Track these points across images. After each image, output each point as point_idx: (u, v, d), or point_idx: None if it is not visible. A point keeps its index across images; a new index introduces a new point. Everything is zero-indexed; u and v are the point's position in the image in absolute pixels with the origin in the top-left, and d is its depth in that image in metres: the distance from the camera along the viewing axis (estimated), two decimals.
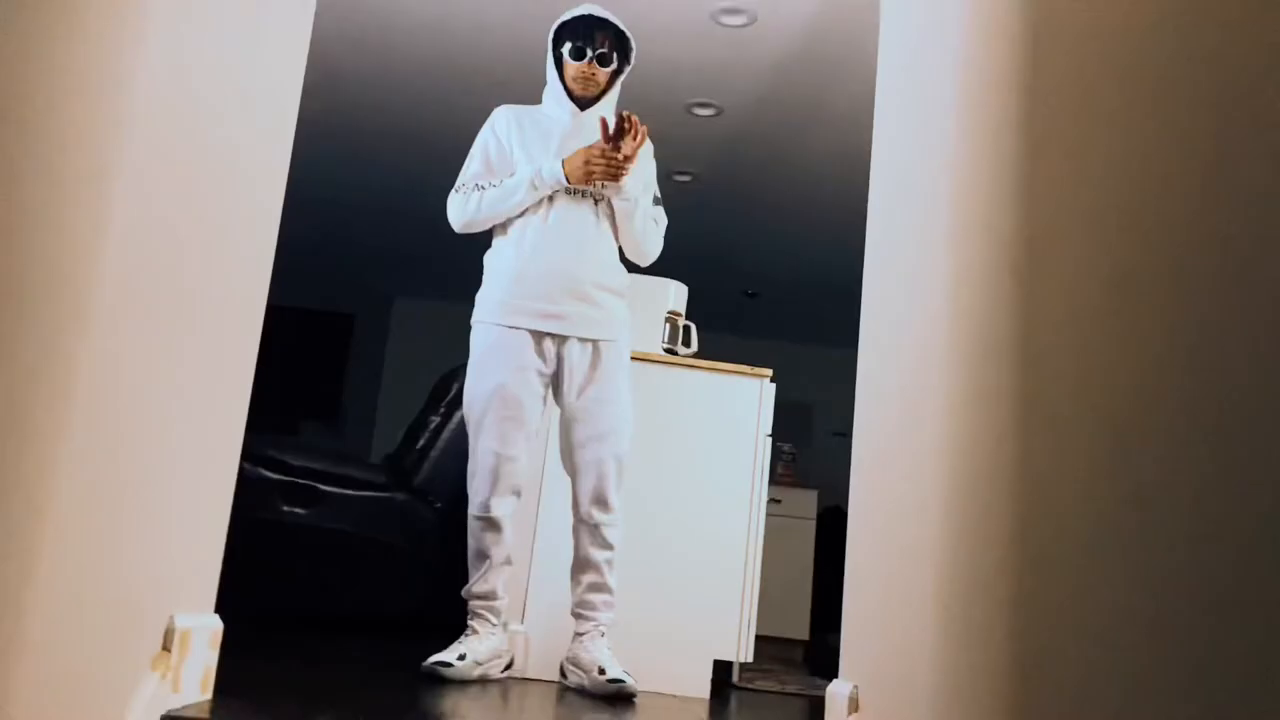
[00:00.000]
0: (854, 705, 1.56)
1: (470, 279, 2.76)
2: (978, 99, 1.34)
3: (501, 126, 2.69)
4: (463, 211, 2.63)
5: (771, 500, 5.58)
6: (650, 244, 2.71)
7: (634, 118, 2.56)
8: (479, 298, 2.63)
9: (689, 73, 4.15)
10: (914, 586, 1.34)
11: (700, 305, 7.20)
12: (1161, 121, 0.85)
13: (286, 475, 3.61)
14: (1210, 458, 0.72)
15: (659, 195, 2.78)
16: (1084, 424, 0.93)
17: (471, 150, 2.70)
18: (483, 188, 2.61)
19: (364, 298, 7.70)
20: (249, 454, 3.44)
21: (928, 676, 1.25)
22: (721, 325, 7.38)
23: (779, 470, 5.97)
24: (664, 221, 2.77)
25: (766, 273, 6.52)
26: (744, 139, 4.73)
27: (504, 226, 2.64)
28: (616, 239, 2.67)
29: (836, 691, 1.64)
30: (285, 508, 3.57)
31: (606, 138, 2.54)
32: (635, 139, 2.55)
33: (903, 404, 1.53)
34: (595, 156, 2.54)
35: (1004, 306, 1.15)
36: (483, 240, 2.73)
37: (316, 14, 1.85)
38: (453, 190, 2.67)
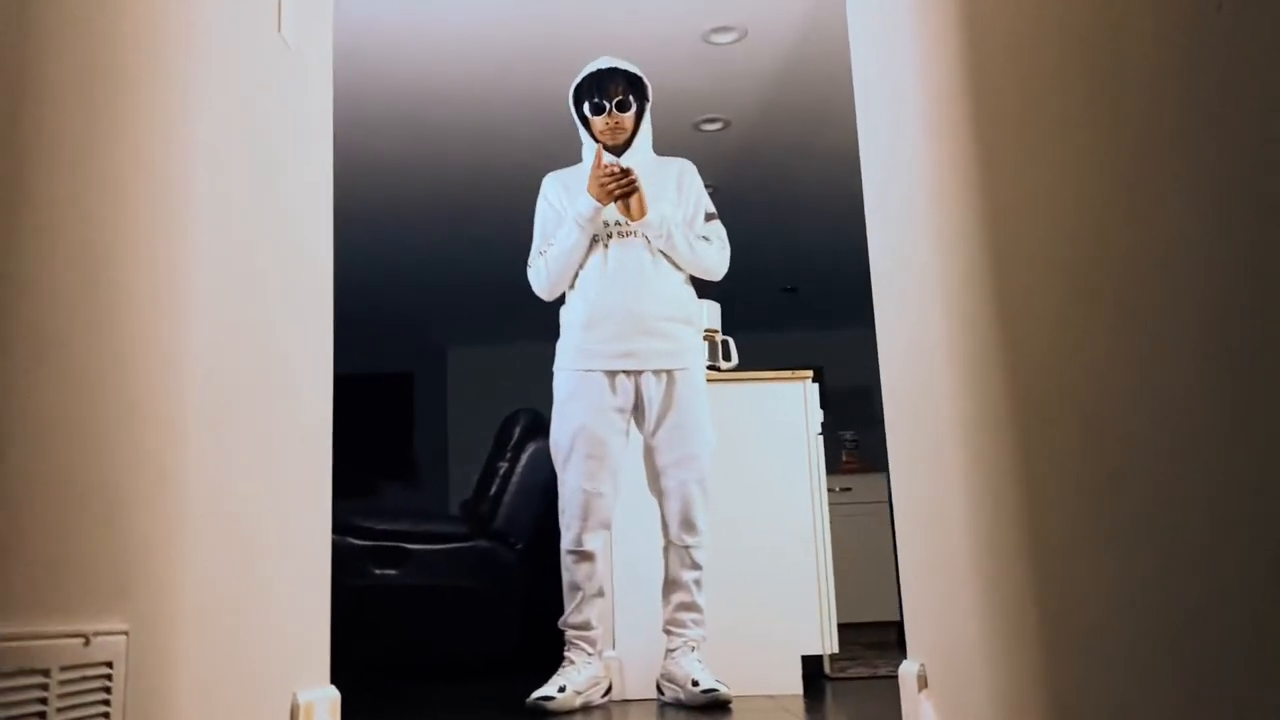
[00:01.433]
0: (923, 682, 1.66)
1: (516, 319, 2.94)
2: (934, 99, 1.45)
3: (551, 194, 2.87)
4: (539, 278, 2.82)
5: (842, 490, 5.68)
6: (709, 261, 2.83)
7: (610, 167, 2.68)
8: (558, 347, 2.81)
9: (690, 93, 4.28)
10: (953, 563, 1.45)
11: (741, 309, 7.29)
12: (1108, 122, 0.96)
13: (374, 540, 3.80)
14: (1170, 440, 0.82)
15: (712, 210, 2.91)
16: (1062, 410, 1.04)
17: (534, 225, 2.88)
18: (544, 252, 2.80)
19: (419, 354, 7.93)
20: (336, 525, 3.63)
21: (975, 648, 1.35)
22: (764, 324, 7.48)
23: (844, 459, 6.04)
24: (722, 234, 2.89)
25: (801, 268, 6.61)
26: (755, 146, 4.84)
27: (572, 282, 2.81)
28: (678, 268, 2.81)
29: (906, 671, 1.75)
30: (377, 571, 3.76)
31: (597, 163, 2.68)
32: (617, 173, 2.67)
33: (914, 399, 1.64)
34: (598, 175, 2.68)
35: (986, 307, 1.26)
36: (522, 284, 2.91)
37: (338, 97, 2.00)
38: (528, 266, 2.86)
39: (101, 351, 1.14)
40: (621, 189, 2.67)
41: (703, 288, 2.99)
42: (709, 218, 2.88)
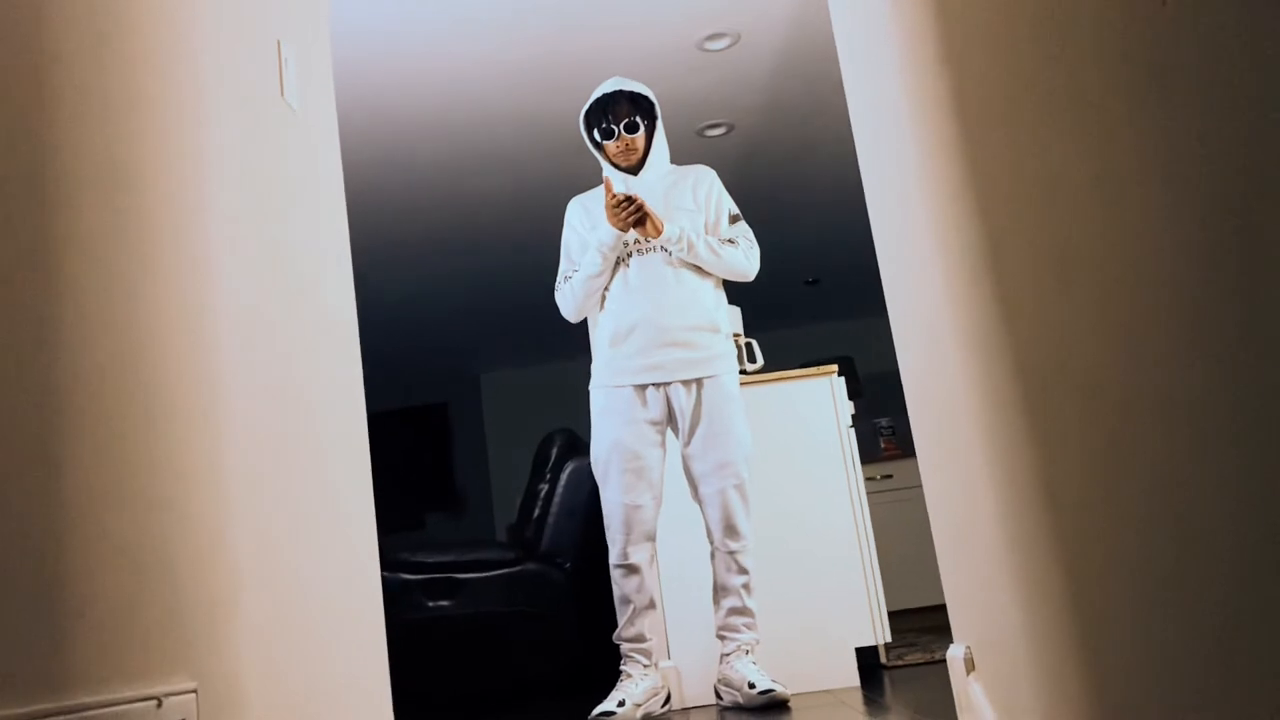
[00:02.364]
0: (970, 665, 1.69)
1: (545, 340, 3.00)
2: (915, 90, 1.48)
3: (575, 218, 2.93)
4: (566, 302, 2.89)
5: (883, 477, 5.68)
6: (735, 263, 2.85)
7: (616, 194, 2.72)
8: (592, 367, 2.87)
9: (691, 101, 4.32)
10: (984, 543, 1.47)
11: (766, 307, 7.30)
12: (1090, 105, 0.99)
13: (425, 574, 3.86)
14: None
15: (736, 212, 2.94)
16: (1061, 385, 1.07)
17: (560, 249, 2.94)
18: (569, 277, 2.86)
19: (452, 383, 8.02)
20: (386, 562, 3.70)
21: (1016, 629, 1.38)
22: (791, 319, 7.50)
23: (883, 446, 6.04)
24: (748, 234, 2.91)
25: (821, 259, 6.64)
26: (761, 146, 4.88)
27: (600, 302, 2.87)
28: (703, 278, 2.84)
29: (953, 655, 1.77)
30: (430, 604, 3.82)
31: (608, 193, 2.73)
32: (624, 201, 2.72)
33: (925, 379, 1.66)
34: (612, 209, 2.72)
35: (984, 293, 1.29)
36: (548, 305, 2.99)
37: (353, 140, 2.07)
38: (555, 291, 2.92)
39: (144, 427, 1.20)
40: (634, 216, 2.72)
41: (726, 290, 3.04)
42: (733, 220, 2.91)
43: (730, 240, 2.87)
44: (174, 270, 1.32)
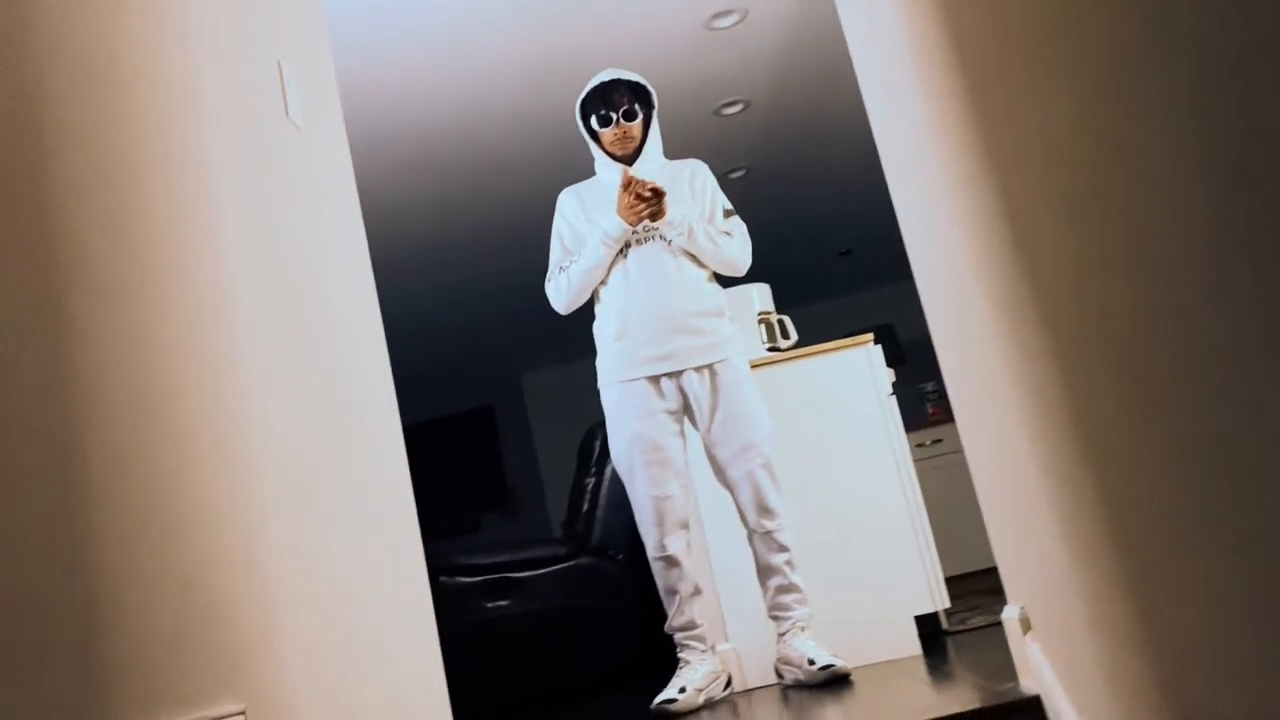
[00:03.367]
0: (1026, 625, 1.66)
1: (584, 336, 2.97)
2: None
3: (568, 209, 2.90)
4: (558, 293, 2.85)
5: (933, 442, 5.61)
6: (731, 256, 2.84)
7: (633, 180, 2.69)
8: (597, 364, 2.84)
9: (704, 80, 4.29)
10: (1028, 500, 1.44)
11: (800, 282, 7.22)
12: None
13: (481, 575, 3.88)
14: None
15: (729, 207, 2.92)
16: (1089, 335, 1.04)
17: (551, 241, 2.91)
18: (565, 267, 2.82)
19: (496, 386, 8.06)
20: (443, 567, 3.72)
21: (1067, 586, 1.35)
22: (826, 292, 7.43)
23: (929, 411, 5.98)
24: (742, 228, 2.89)
25: (852, 229, 6.56)
26: (780, 120, 4.83)
27: (597, 296, 2.84)
28: (700, 266, 2.82)
29: (1008, 616, 1.74)
30: (489, 605, 3.84)
31: (627, 185, 2.69)
32: (642, 188, 2.68)
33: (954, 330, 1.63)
34: (630, 197, 2.69)
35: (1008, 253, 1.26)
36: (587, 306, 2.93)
37: (368, 150, 2.08)
38: (546, 281, 2.89)
39: (174, 458, 1.21)
40: (653, 210, 2.69)
41: (752, 270, 3.00)
42: (727, 214, 2.89)
43: (726, 233, 2.84)
44: (190, 294, 1.33)
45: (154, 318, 1.24)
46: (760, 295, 3.47)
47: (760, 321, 3.39)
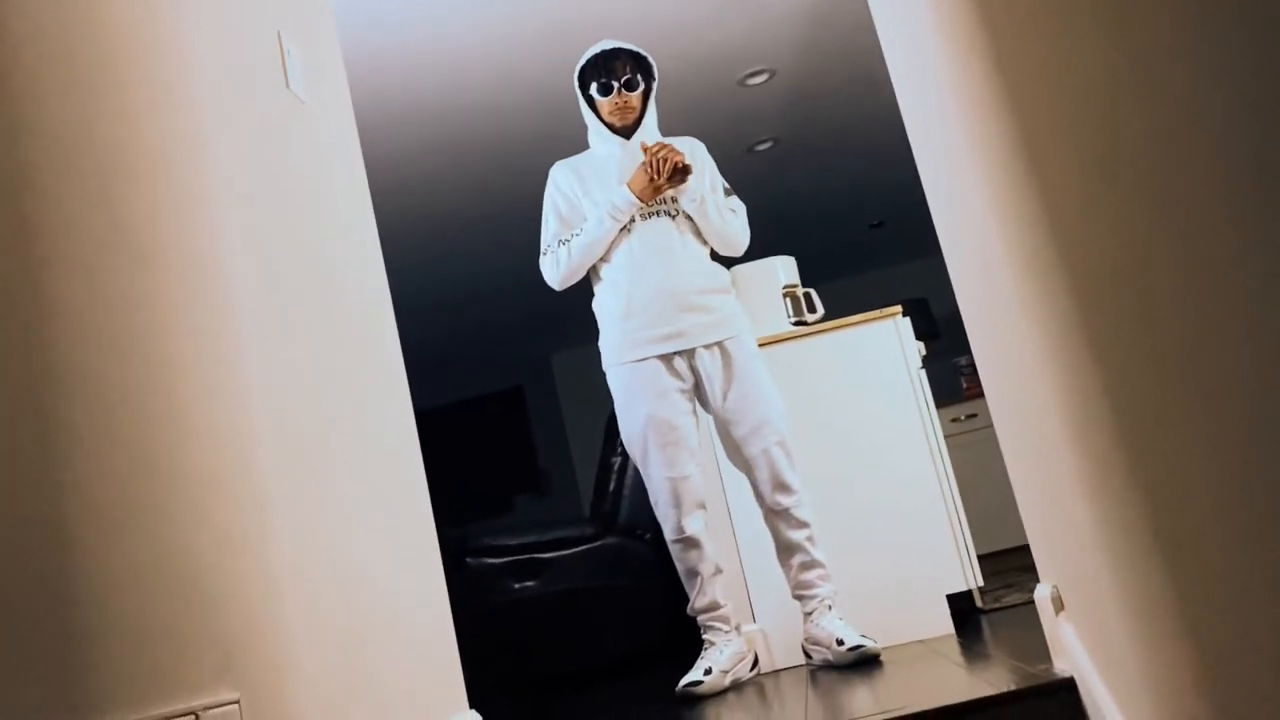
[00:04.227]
0: (1059, 604, 1.59)
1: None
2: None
3: (562, 182, 2.82)
4: (556, 268, 2.77)
5: (968, 417, 5.51)
6: (734, 234, 2.78)
7: (650, 146, 2.64)
8: (601, 345, 2.76)
9: (727, 51, 4.20)
10: (1057, 472, 1.37)
11: (832, 254, 7.09)
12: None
13: (508, 556, 3.86)
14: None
15: (728, 186, 2.86)
16: (1115, 290, 0.97)
17: (544, 214, 2.84)
18: (566, 241, 2.75)
19: (525, 366, 8.03)
20: (470, 548, 3.69)
21: (1099, 564, 1.28)
22: (858, 265, 7.32)
23: (964, 386, 5.87)
24: (742, 208, 2.84)
25: (883, 200, 6.43)
26: (806, 89, 4.73)
27: (598, 274, 2.77)
28: (703, 243, 2.76)
29: (1040, 595, 1.67)
30: (516, 585, 3.81)
31: (661, 152, 2.64)
32: (666, 154, 2.63)
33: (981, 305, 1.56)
34: (651, 167, 2.63)
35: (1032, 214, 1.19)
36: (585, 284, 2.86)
37: (390, 134, 2.03)
38: (541, 256, 2.82)
39: (163, 441, 1.17)
40: (673, 166, 2.63)
41: (778, 242, 2.93)
42: (727, 193, 2.83)
43: (731, 210, 2.79)
44: (186, 272, 1.29)
45: (142, 293, 1.20)
46: (785, 268, 3.39)
47: (786, 295, 3.31)
